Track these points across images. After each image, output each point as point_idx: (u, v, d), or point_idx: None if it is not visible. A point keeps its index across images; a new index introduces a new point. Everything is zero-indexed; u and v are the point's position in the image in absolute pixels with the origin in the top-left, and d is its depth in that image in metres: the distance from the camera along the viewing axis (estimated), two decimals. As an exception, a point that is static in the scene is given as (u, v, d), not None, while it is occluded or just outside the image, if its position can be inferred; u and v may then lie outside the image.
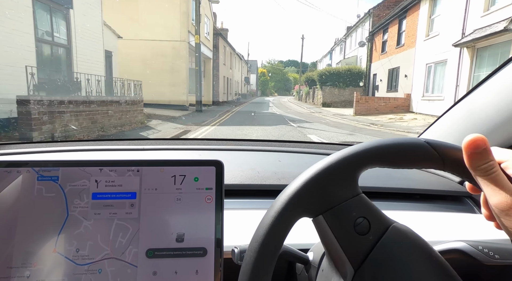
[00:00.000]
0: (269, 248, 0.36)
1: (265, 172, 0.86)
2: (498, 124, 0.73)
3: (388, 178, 0.88)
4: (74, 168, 0.47)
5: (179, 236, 0.47)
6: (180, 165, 0.49)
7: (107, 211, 0.47)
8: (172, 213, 0.48)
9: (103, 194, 0.47)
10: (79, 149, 1.00)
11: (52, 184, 0.46)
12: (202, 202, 0.49)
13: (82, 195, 0.46)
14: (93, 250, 0.46)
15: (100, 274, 0.45)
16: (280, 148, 1.14)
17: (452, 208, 0.82)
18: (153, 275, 0.46)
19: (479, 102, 0.77)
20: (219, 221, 0.48)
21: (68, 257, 0.45)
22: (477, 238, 0.66)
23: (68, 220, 0.46)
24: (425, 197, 0.86)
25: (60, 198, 0.46)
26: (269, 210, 0.37)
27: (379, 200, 0.81)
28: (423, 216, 0.75)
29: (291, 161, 1.02)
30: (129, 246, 0.46)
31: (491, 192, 0.32)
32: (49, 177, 0.46)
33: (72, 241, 0.45)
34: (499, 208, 0.32)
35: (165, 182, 0.48)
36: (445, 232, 0.69)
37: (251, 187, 0.80)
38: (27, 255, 0.44)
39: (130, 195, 0.47)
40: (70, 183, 0.46)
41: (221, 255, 0.48)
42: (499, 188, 0.32)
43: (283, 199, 0.37)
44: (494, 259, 0.53)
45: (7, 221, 0.45)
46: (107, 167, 0.48)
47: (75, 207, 0.46)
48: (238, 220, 0.67)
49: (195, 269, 0.47)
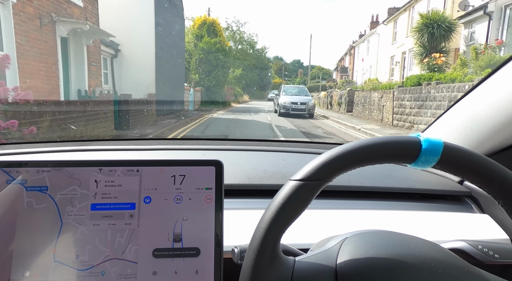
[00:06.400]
0: (269, 247, 0.37)
1: (265, 172, 0.86)
2: (498, 123, 0.73)
3: (388, 177, 0.88)
4: (62, 176, 0.46)
5: (178, 236, 0.47)
6: (180, 165, 0.49)
7: (106, 222, 0.46)
8: (172, 213, 0.48)
9: (102, 205, 0.47)
10: (78, 149, 1.00)
11: (41, 195, 0.46)
12: (202, 202, 0.49)
13: (74, 201, 0.46)
14: (93, 254, 0.46)
15: (104, 276, 0.45)
16: (280, 148, 1.14)
17: (452, 208, 0.82)
18: (153, 275, 0.46)
19: (479, 101, 0.77)
20: (219, 221, 0.48)
21: (69, 264, 0.45)
22: (477, 237, 0.66)
23: (63, 228, 0.45)
24: (425, 197, 0.85)
25: (52, 207, 0.46)
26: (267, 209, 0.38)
27: (379, 200, 0.81)
28: (423, 215, 0.75)
29: (291, 161, 1.02)
30: (128, 245, 0.46)
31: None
32: (37, 188, 0.46)
33: (70, 248, 0.45)
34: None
35: (165, 182, 0.48)
36: (445, 231, 0.69)
37: (251, 187, 0.80)
38: (27, 268, 0.44)
39: (129, 206, 0.47)
40: (60, 192, 0.46)
41: (221, 255, 0.48)
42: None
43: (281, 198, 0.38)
44: (494, 258, 0.53)
45: (4, 233, 0.44)
46: (107, 167, 0.48)
47: (68, 214, 0.46)
48: (238, 220, 0.67)
49: (195, 269, 0.47)
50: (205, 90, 18.46)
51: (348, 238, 0.46)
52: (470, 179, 0.39)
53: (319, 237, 0.55)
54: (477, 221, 0.74)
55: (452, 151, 0.38)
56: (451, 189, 0.85)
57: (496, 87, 0.73)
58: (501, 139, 0.75)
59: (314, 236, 0.60)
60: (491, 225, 0.74)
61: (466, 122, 0.81)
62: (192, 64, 19.06)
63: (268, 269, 0.38)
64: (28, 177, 0.46)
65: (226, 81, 21.55)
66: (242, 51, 32.74)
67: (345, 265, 0.40)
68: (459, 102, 0.84)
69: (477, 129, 0.77)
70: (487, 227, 0.73)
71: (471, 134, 0.79)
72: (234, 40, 32.24)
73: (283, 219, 0.38)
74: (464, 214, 0.78)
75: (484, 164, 0.38)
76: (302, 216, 0.39)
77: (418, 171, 0.96)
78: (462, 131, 0.82)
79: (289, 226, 0.39)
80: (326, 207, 0.74)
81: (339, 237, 0.47)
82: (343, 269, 0.40)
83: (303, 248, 0.55)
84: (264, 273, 0.38)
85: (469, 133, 0.80)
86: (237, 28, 33.24)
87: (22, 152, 0.93)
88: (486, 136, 0.76)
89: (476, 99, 0.79)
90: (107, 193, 0.47)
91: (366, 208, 0.75)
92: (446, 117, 0.89)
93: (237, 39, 32.79)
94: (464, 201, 0.85)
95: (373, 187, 0.82)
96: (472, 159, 0.38)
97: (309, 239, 0.59)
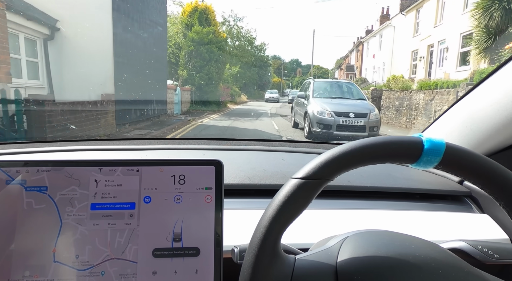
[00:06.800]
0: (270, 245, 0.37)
1: (265, 171, 0.86)
2: (497, 123, 0.73)
3: (388, 177, 0.88)
4: (62, 176, 0.46)
5: (178, 235, 0.47)
6: (180, 165, 0.49)
7: (106, 222, 0.46)
8: (172, 213, 0.48)
9: (102, 205, 0.47)
10: (78, 149, 1.00)
11: (41, 195, 0.46)
12: (202, 201, 0.48)
13: (73, 201, 0.46)
14: (93, 254, 0.45)
15: (104, 276, 0.45)
16: (280, 148, 1.14)
17: (452, 208, 0.82)
18: (153, 275, 0.46)
19: (479, 101, 0.77)
20: (218, 221, 0.48)
21: (68, 264, 0.45)
22: (476, 237, 0.66)
23: (63, 228, 0.45)
24: (425, 197, 0.85)
25: (51, 208, 0.46)
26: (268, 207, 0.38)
27: (379, 199, 0.81)
28: (423, 215, 0.75)
29: (291, 160, 1.01)
30: (128, 244, 0.46)
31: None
32: (37, 188, 0.46)
33: (70, 248, 0.45)
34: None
35: (165, 181, 0.48)
36: (445, 231, 0.69)
37: (251, 187, 0.80)
38: (27, 268, 0.44)
39: (129, 206, 0.47)
40: (59, 192, 0.46)
41: (221, 255, 0.48)
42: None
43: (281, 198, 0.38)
44: (494, 258, 0.53)
45: (3, 234, 0.44)
46: (107, 166, 0.48)
47: (68, 215, 0.46)
48: (238, 220, 0.67)
49: (195, 269, 0.47)
50: (196, 89, 15.05)
51: (348, 237, 0.46)
52: (472, 180, 0.39)
53: (319, 236, 0.55)
54: (477, 221, 0.74)
55: (454, 151, 0.38)
56: (451, 189, 0.85)
57: (496, 87, 0.73)
58: (501, 139, 0.75)
59: (314, 236, 0.60)
60: (491, 225, 0.74)
61: (466, 122, 0.81)
62: (182, 58, 15.49)
63: (268, 267, 0.38)
64: (27, 177, 0.46)
65: (221, 79, 17.49)
66: (239, 48, 29.04)
67: (345, 264, 0.40)
68: (459, 102, 0.84)
69: (477, 129, 0.77)
70: (487, 227, 0.73)
71: (471, 134, 0.79)
72: (231, 35, 28.35)
73: (284, 217, 0.38)
74: (464, 214, 0.78)
75: (486, 165, 0.38)
76: (302, 215, 0.39)
77: (418, 171, 0.96)
78: (462, 131, 0.82)
79: (290, 224, 0.39)
80: (326, 207, 0.74)
81: (339, 236, 0.47)
82: (344, 268, 0.40)
83: (303, 247, 0.55)
84: (265, 271, 0.38)
85: (469, 133, 0.80)
86: (234, 23, 29.06)
87: (20, 152, 0.93)
88: (486, 136, 0.76)
89: (476, 99, 0.79)
90: (107, 193, 0.47)
91: (366, 208, 0.75)
92: (446, 117, 0.89)
93: (234, 34, 28.93)
94: (464, 201, 0.85)
95: (373, 187, 0.82)
96: (474, 160, 0.38)
97: (309, 239, 0.59)
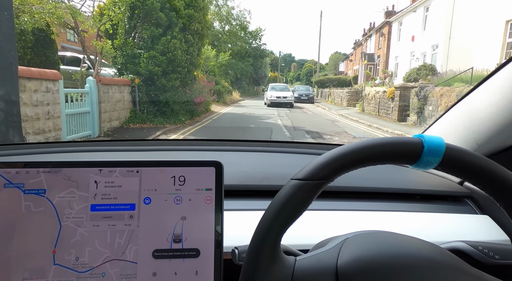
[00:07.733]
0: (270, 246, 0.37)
1: (265, 172, 0.85)
2: (497, 124, 0.73)
3: (388, 178, 0.88)
4: (60, 178, 0.46)
5: (178, 237, 0.47)
6: (180, 166, 0.49)
7: (106, 223, 0.46)
8: (172, 214, 0.48)
9: (102, 206, 0.47)
10: (78, 150, 1.00)
11: (39, 198, 0.46)
12: (202, 202, 0.48)
13: (72, 204, 0.46)
14: (93, 256, 0.45)
15: (104, 277, 0.45)
16: (280, 149, 1.14)
17: (452, 209, 0.82)
18: (153, 276, 0.46)
19: (479, 102, 0.77)
20: (219, 222, 0.48)
21: (68, 266, 0.45)
22: (477, 238, 0.66)
23: (62, 230, 0.45)
24: (425, 198, 0.85)
25: (50, 210, 0.46)
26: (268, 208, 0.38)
27: (379, 201, 0.80)
28: (423, 216, 0.75)
29: (291, 162, 1.01)
30: (128, 245, 0.46)
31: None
32: (35, 191, 0.46)
33: (70, 250, 0.45)
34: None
35: (165, 182, 0.48)
36: (445, 232, 0.69)
37: (251, 188, 0.80)
38: (27, 271, 0.44)
39: (129, 207, 0.47)
40: (58, 195, 0.46)
41: (221, 256, 0.48)
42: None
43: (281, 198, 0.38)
44: (494, 259, 0.53)
45: (2, 237, 0.44)
46: (107, 167, 0.47)
47: (67, 217, 0.46)
48: (238, 221, 0.67)
49: (195, 270, 0.47)
50: (144, 84, 8.54)
51: (348, 238, 0.46)
52: (472, 181, 0.39)
53: (319, 238, 0.55)
54: (477, 222, 0.74)
55: (454, 152, 0.38)
56: (451, 190, 0.85)
57: (496, 88, 0.73)
58: (501, 140, 0.75)
59: (314, 237, 0.60)
60: (491, 226, 0.74)
61: (466, 122, 0.81)
62: (117, 22, 8.31)
63: (268, 268, 0.38)
64: (25, 181, 0.46)
65: (195, 64, 9.85)
66: (230, 33, 23.07)
67: (345, 265, 0.40)
68: (459, 102, 0.84)
69: (477, 130, 0.77)
70: (487, 228, 0.73)
71: (471, 135, 0.79)
72: (220, 18, 22.68)
73: (284, 218, 0.38)
74: (464, 215, 0.78)
75: (487, 166, 0.38)
76: (302, 217, 0.39)
77: (418, 172, 0.96)
78: (462, 132, 0.82)
79: (290, 225, 0.39)
80: (326, 208, 0.74)
81: (339, 237, 0.47)
82: (344, 269, 0.40)
83: (303, 249, 0.55)
84: (265, 272, 0.38)
85: (469, 134, 0.80)
86: (224, 2, 22.54)
87: (21, 153, 0.93)
88: (487, 137, 0.76)
89: (476, 100, 0.79)
90: (107, 194, 0.47)
91: (366, 209, 0.75)
92: (446, 118, 0.89)
93: (223, 17, 22.81)
94: (464, 202, 0.85)
95: (373, 187, 0.82)
96: (474, 161, 0.38)
97: (309, 240, 0.59)
